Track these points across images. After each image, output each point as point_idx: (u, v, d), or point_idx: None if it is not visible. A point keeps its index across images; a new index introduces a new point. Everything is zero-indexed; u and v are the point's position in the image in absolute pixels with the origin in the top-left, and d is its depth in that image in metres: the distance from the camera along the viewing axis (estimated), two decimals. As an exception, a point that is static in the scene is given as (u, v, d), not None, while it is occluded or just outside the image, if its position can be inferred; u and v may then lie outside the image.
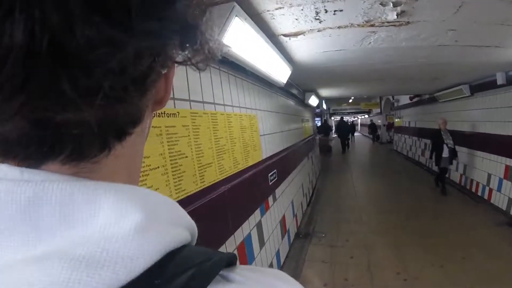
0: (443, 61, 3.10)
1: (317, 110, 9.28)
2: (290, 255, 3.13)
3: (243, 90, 2.23)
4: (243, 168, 1.99)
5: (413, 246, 3.37)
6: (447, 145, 5.06)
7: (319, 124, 11.21)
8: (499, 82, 3.92)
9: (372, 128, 16.79)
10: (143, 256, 0.19)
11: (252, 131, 2.33)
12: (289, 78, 3.71)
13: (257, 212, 2.23)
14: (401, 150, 10.76)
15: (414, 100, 8.27)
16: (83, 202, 0.20)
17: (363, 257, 3.18)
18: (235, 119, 1.98)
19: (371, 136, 17.47)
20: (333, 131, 13.55)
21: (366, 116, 23.27)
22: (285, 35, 2.05)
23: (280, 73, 2.70)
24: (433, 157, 5.29)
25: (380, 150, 13.11)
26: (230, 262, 0.24)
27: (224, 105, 1.85)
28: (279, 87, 3.20)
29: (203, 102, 1.59)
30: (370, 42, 2.31)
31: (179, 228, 0.24)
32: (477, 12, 1.74)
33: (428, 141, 6.94)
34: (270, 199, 2.65)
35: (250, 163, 2.18)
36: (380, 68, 3.39)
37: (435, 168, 5.83)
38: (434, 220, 4.15)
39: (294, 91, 4.51)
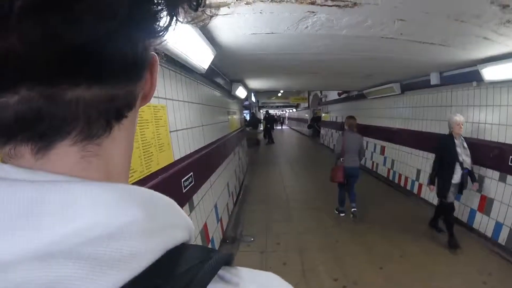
0: (382, 57, 2.99)
1: (246, 103, 9.04)
2: (213, 267, 2.73)
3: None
4: (138, 178, 1.47)
5: (349, 245, 3.28)
6: (461, 164, 3.12)
7: (248, 117, 11.04)
8: (432, 82, 4.00)
9: (315, 121, 14.34)
10: (145, 254, 0.20)
11: (159, 126, 1.81)
12: (213, 64, 3.25)
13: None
14: (328, 144, 11.34)
15: (343, 96, 8.62)
16: (85, 202, 0.20)
17: (297, 262, 2.99)
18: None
19: (310, 129, 15.41)
20: (262, 124, 13.73)
21: (294, 110, 24.40)
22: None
23: (200, 56, 2.22)
24: (436, 182, 3.24)
25: (307, 143, 13.75)
26: (227, 261, 0.25)
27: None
28: (200, 73, 2.72)
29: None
30: (307, 26, 2.00)
31: (178, 227, 0.25)
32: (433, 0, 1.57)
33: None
34: (186, 209, 2.18)
35: (154, 169, 1.67)
36: (314, 60, 3.18)
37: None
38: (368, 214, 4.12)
39: (220, 81, 4.06)
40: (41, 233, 0.18)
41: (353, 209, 3.98)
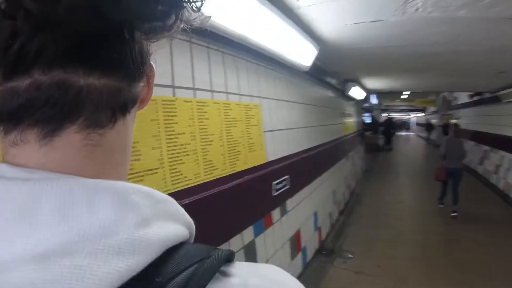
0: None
1: (365, 105, 8.17)
2: (304, 277, 2.54)
3: (235, 71, 1.68)
4: (219, 175, 1.47)
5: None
6: None
7: (368, 120, 9.97)
8: None
9: (428, 128, 15.38)
10: (144, 253, 0.20)
11: (250, 125, 1.78)
12: (319, 62, 3.03)
13: (248, 231, 1.70)
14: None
15: (474, 98, 6.61)
16: (82, 199, 0.20)
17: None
18: (213, 109, 1.45)
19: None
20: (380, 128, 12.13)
21: (423, 114, 20.61)
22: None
23: (300, 53, 2.08)
24: None
25: (435, 154, 11.15)
26: (228, 258, 0.25)
27: (193, 89, 1.34)
28: (304, 72, 2.57)
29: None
30: (417, 8, 1.55)
31: (178, 225, 0.25)
32: None
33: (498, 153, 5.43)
34: (276, 213, 2.09)
35: (240, 168, 1.65)
36: (430, 53, 2.55)
37: None
38: (503, 256, 2.99)
39: (330, 80, 3.77)
40: (37, 234, 0.18)
41: (452, 213, 4.10)
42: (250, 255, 1.72)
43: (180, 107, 1.25)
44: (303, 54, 2.14)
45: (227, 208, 1.46)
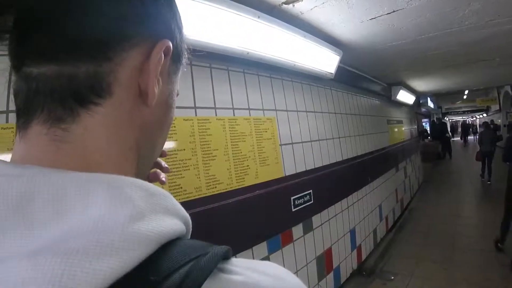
0: None
1: (423, 110, 7.36)
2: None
3: (243, 86, 1.70)
4: (224, 190, 1.47)
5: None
6: None
7: (427, 127, 8.92)
8: None
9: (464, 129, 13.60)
10: (138, 248, 0.19)
11: (262, 139, 1.76)
12: (351, 67, 2.89)
13: (260, 248, 1.66)
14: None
15: None
16: (76, 194, 0.20)
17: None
18: (216, 125, 1.48)
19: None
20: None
21: (485, 115, 17.66)
22: (287, 2, 1.41)
23: (317, 59, 2.01)
24: None
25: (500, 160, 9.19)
26: (226, 255, 0.24)
27: (194, 108, 1.40)
28: (331, 79, 2.46)
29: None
30: None
31: (174, 219, 0.24)
32: None
33: None
34: (297, 229, 1.99)
35: (249, 183, 1.63)
36: (470, 41, 2.22)
37: None
38: None
39: (369, 85, 3.53)
40: (30, 230, 0.18)
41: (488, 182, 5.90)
42: (264, 272, 1.66)
43: (179, 126, 1.31)
44: (322, 60, 2.06)
45: (232, 222, 1.45)
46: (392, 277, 2.70)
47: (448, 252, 3.17)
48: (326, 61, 2.09)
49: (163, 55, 0.28)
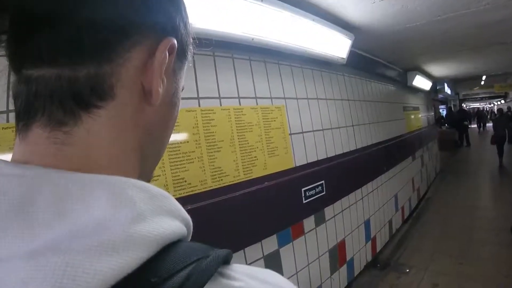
0: None
1: (440, 96, 7.03)
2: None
3: (249, 74, 1.62)
4: (230, 182, 1.42)
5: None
6: None
7: (444, 113, 8.54)
8: None
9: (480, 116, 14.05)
10: (139, 250, 0.19)
11: (270, 128, 1.69)
12: (365, 52, 2.74)
13: (269, 241, 1.61)
14: None
15: None
16: (78, 195, 0.19)
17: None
18: (221, 115, 1.42)
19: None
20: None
21: (503, 101, 16.76)
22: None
23: (328, 44, 1.90)
24: None
25: None
26: (226, 259, 0.24)
27: (197, 98, 1.33)
28: (343, 65, 2.34)
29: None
30: None
31: (175, 221, 0.23)
32: None
33: None
34: (309, 222, 1.93)
35: (257, 174, 1.57)
36: (487, 22, 2.09)
37: None
38: None
39: (385, 71, 3.36)
40: (31, 230, 0.18)
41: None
42: (273, 266, 1.62)
43: (181, 118, 1.26)
44: (333, 45, 1.94)
45: (240, 215, 1.41)
46: (407, 270, 2.61)
47: (465, 245, 3.04)
48: (337, 46, 1.97)
49: (167, 54, 0.27)
